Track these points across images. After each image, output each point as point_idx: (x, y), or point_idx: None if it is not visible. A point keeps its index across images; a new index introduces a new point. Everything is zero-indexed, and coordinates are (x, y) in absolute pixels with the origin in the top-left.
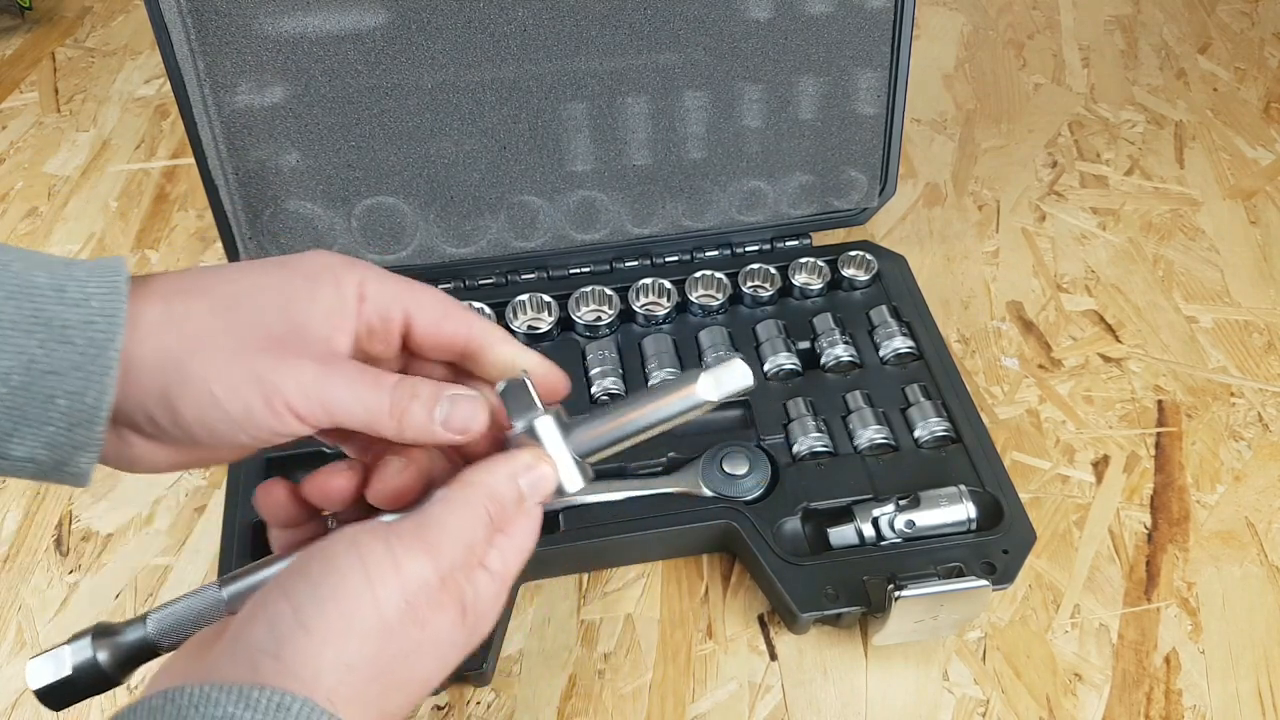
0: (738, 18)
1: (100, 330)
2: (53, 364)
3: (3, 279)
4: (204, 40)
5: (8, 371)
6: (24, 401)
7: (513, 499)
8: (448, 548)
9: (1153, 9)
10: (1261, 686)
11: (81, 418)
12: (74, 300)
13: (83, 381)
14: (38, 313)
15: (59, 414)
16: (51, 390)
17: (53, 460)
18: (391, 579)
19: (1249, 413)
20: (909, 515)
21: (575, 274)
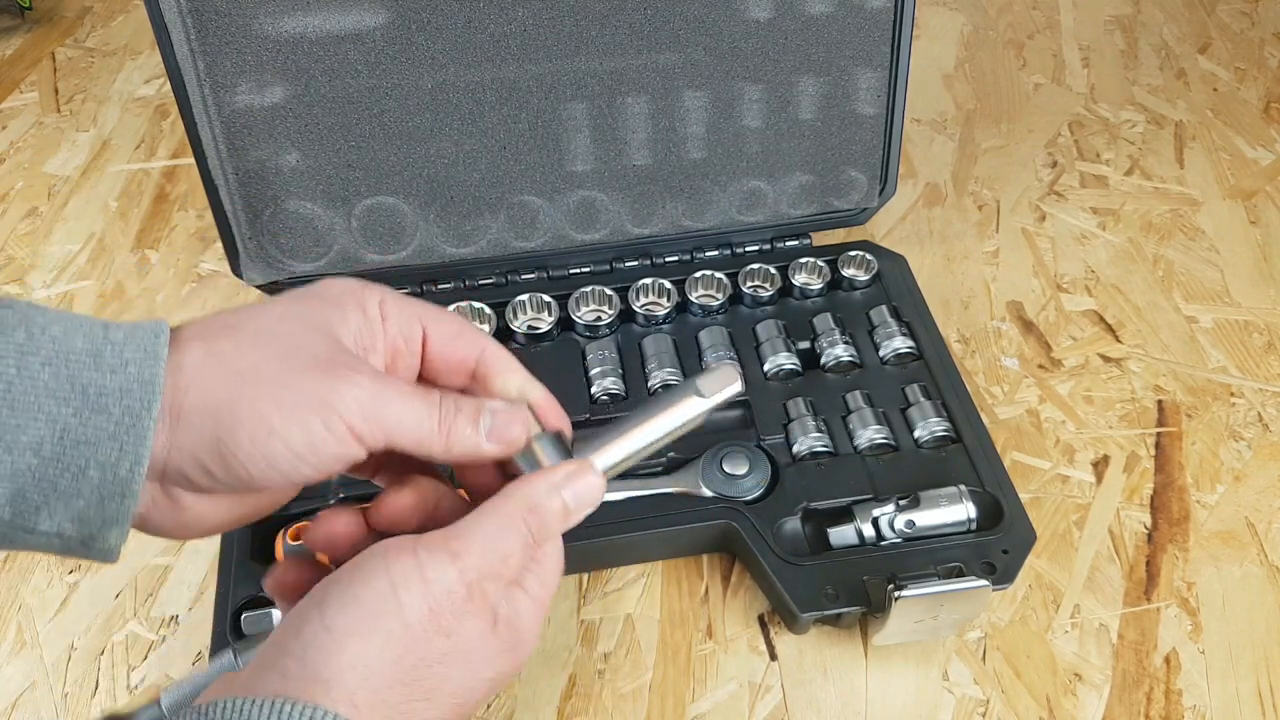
0: (738, 18)
1: (136, 398)
2: (87, 434)
3: (40, 344)
4: (204, 40)
5: (40, 441)
6: (55, 473)
7: (556, 511)
8: (475, 556)
9: (1153, 9)
10: (1261, 686)
11: (114, 490)
12: (110, 366)
13: (117, 452)
14: (73, 380)
15: (90, 487)
16: (84, 461)
17: (80, 536)
18: (416, 584)
19: (1249, 413)
20: (909, 515)
21: (575, 274)
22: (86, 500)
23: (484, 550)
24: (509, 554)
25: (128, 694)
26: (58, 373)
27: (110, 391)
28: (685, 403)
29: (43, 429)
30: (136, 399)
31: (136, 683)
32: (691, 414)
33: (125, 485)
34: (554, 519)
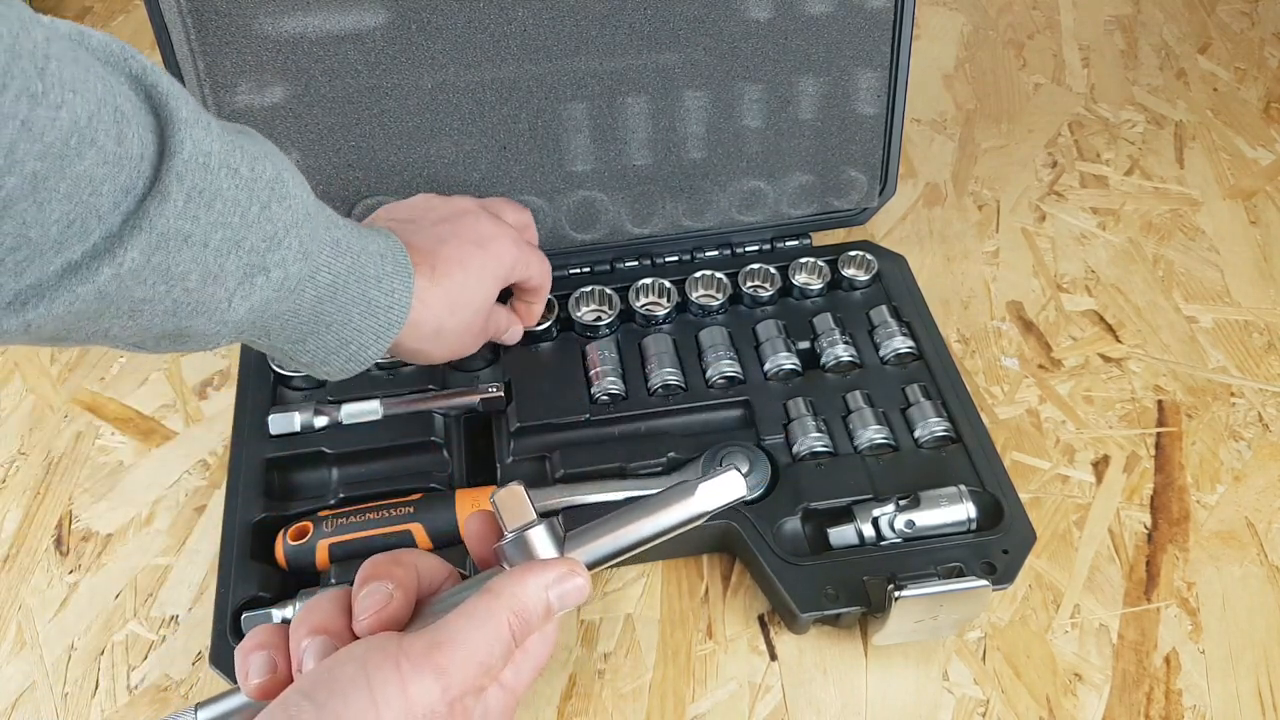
0: (738, 17)
1: (396, 315)
2: (360, 330)
3: (362, 264)
4: (204, 40)
5: (333, 321)
6: (330, 337)
7: (539, 612)
8: (459, 670)
9: (1153, 9)
10: (1261, 686)
11: (358, 360)
12: (386, 291)
13: (374, 340)
14: (364, 295)
15: (341, 355)
16: (347, 340)
17: (327, 362)
18: (397, 702)
19: (1249, 413)
20: (909, 515)
21: (575, 274)
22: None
23: (467, 662)
24: (492, 665)
25: (128, 694)
26: (366, 291)
27: (381, 308)
28: (683, 507)
29: (341, 314)
30: (396, 315)
31: (136, 683)
32: (688, 517)
33: (361, 363)
34: (537, 620)
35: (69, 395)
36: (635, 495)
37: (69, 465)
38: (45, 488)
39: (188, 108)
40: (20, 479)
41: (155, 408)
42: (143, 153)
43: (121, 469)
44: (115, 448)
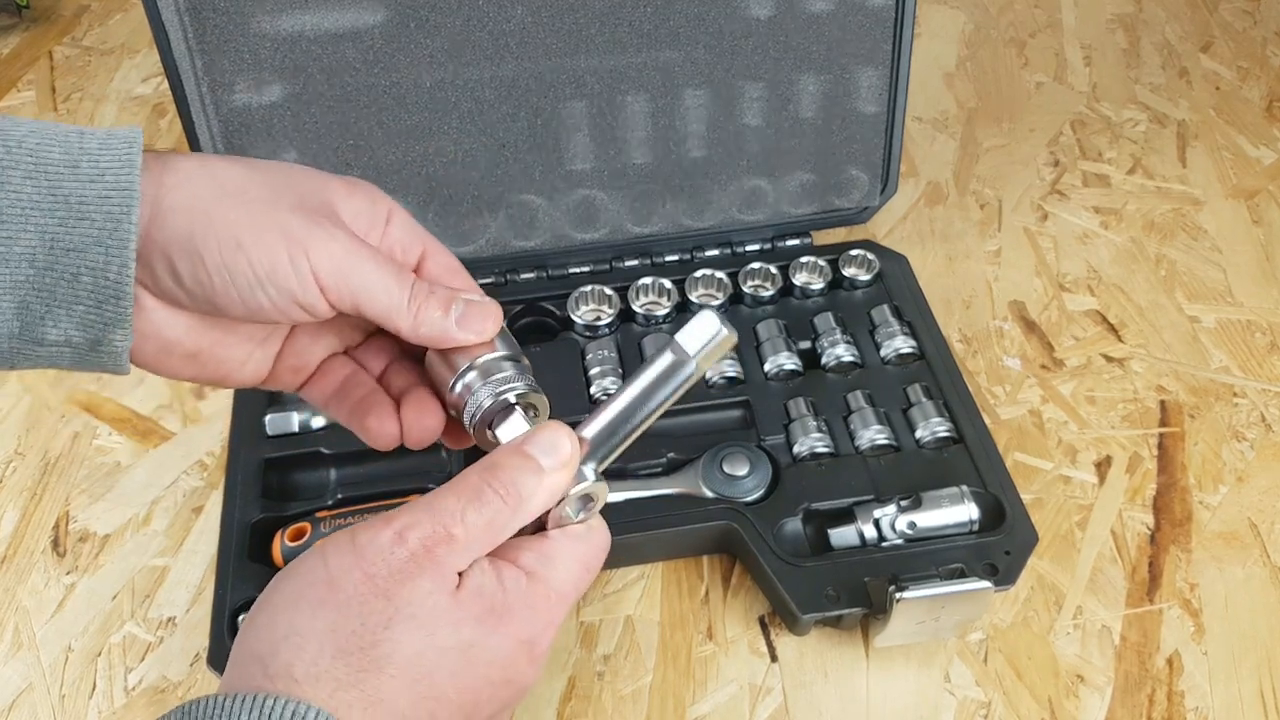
0: (738, 16)
1: (116, 205)
2: (73, 241)
3: (18, 158)
4: (202, 39)
5: (33, 251)
6: (51, 281)
7: (520, 466)
8: (414, 515)
9: (1155, 8)
10: (1264, 688)
11: (108, 293)
12: (88, 176)
13: (104, 256)
14: (54, 190)
15: (85, 291)
16: (75, 267)
17: (88, 341)
18: (346, 550)
19: (1251, 413)
20: (910, 516)
21: (575, 273)
22: (85, 305)
23: (426, 509)
24: (457, 512)
25: (125, 695)
26: (39, 185)
27: (90, 200)
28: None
29: (33, 239)
30: (116, 205)
31: (134, 684)
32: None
33: (117, 288)
34: (520, 472)
35: (66, 395)
36: (635, 496)
37: (66, 466)
38: (42, 488)
39: None
40: (17, 479)
41: (153, 408)
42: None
43: (119, 469)
44: (113, 448)
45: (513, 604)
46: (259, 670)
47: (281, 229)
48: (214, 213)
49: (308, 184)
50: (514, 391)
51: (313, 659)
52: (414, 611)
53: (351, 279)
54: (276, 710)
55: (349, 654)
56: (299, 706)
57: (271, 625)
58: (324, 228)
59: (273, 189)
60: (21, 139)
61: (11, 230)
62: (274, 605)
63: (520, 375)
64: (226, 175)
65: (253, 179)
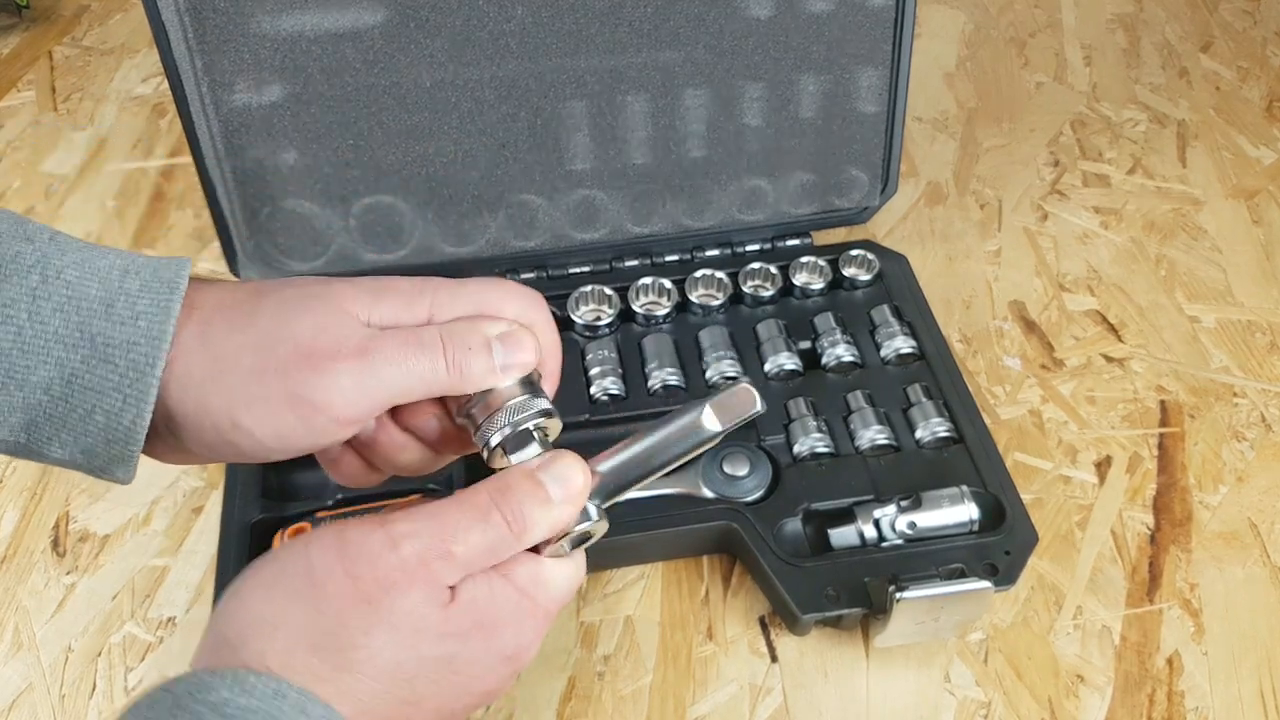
0: (738, 16)
1: (142, 353)
2: (93, 381)
3: (54, 289)
4: (202, 39)
5: (49, 382)
6: (64, 411)
7: (530, 492)
8: (412, 524)
9: (1155, 7)
10: (1264, 688)
11: (118, 435)
12: (121, 318)
13: (120, 402)
14: (83, 328)
15: (96, 428)
16: (90, 406)
17: (90, 466)
18: (331, 545)
19: (1251, 413)
20: (910, 516)
21: (575, 273)
22: (93, 439)
23: (429, 519)
24: (460, 528)
25: (125, 696)
26: (68, 320)
27: (118, 344)
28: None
29: (52, 372)
30: (142, 354)
31: (134, 685)
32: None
33: (129, 434)
34: (529, 500)
35: None
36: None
37: None
38: (42, 488)
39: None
40: (17, 479)
41: None
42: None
43: None
44: None
45: (502, 620)
46: (230, 654)
47: (283, 394)
48: (208, 394)
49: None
50: (532, 421)
51: (286, 649)
52: (397, 622)
53: (377, 396)
54: (259, 686)
55: (324, 651)
56: (280, 685)
57: (243, 610)
58: (324, 369)
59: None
60: (61, 270)
61: (32, 360)
62: (248, 591)
63: (536, 397)
64: (221, 341)
65: (245, 337)
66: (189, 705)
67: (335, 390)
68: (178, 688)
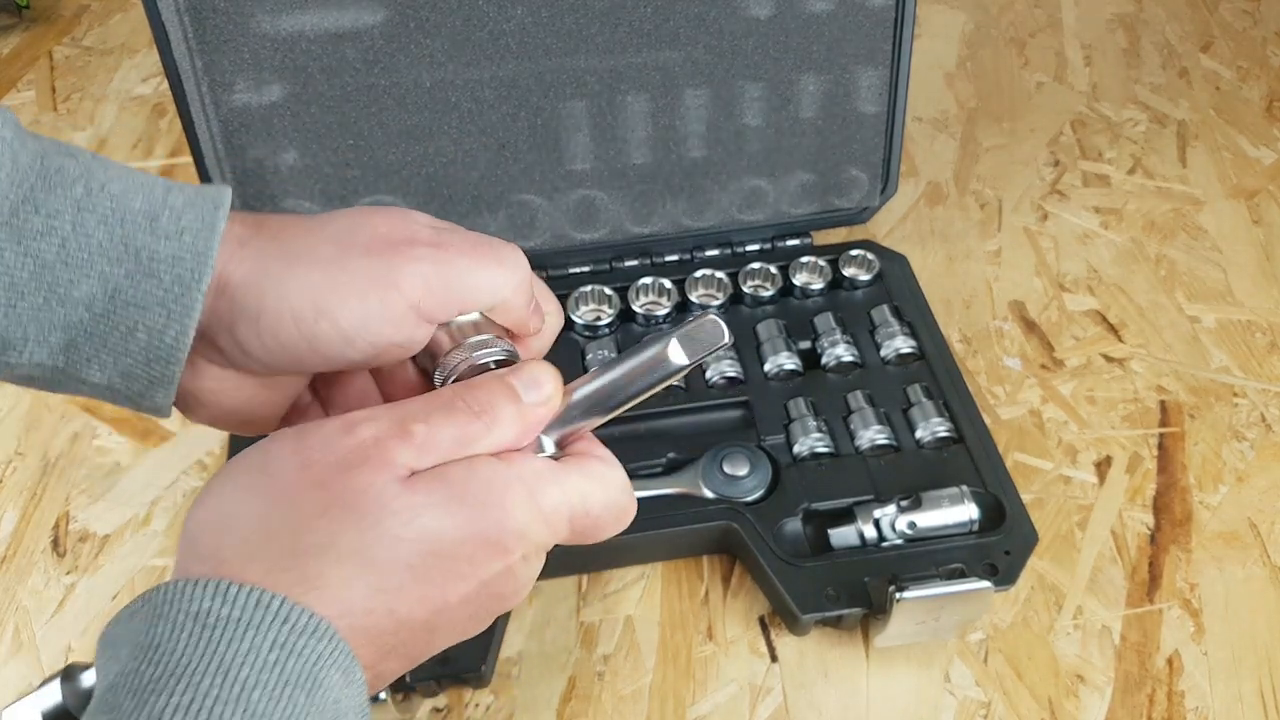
0: (738, 15)
1: (188, 268)
2: (137, 296)
3: (98, 201)
4: (202, 39)
5: (91, 298)
6: (105, 329)
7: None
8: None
9: (1155, 7)
10: (1264, 688)
11: (159, 354)
12: (165, 232)
13: (164, 318)
14: (127, 241)
15: (138, 347)
16: (133, 322)
17: (129, 391)
18: (288, 437)
19: (1252, 413)
20: (910, 516)
21: (575, 273)
22: (134, 359)
23: (387, 408)
24: (421, 412)
25: None
26: (112, 233)
27: (162, 258)
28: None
29: (95, 286)
30: (187, 269)
31: None
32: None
33: (170, 352)
34: (498, 394)
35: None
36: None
37: (66, 466)
38: (42, 488)
39: None
40: (17, 480)
41: None
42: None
43: (119, 469)
44: (112, 448)
45: (484, 496)
46: (192, 558)
47: (365, 276)
48: (286, 283)
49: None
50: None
51: (241, 540)
52: (352, 501)
53: (451, 287)
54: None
55: (279, 538)
56: (263, 594)
57: (202, 511)
58: (404, 253)
59: (340, 238)
60: (106, 183)
61: (75, 274)
62: (208, 493)
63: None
64: (293, 239)
65: (321, 235)
66: (169, 615)
67: (417, 275)
68: (156, 597)
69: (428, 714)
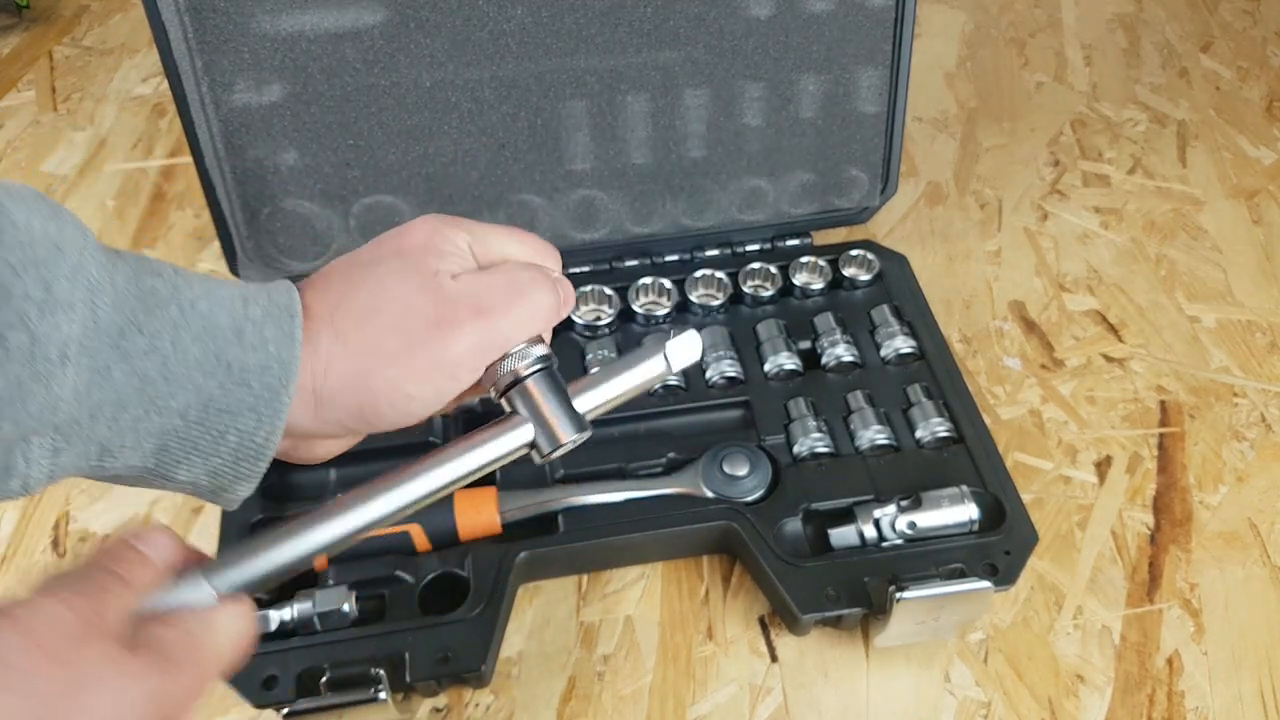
0: (738, 15)
1: (275, 376)
2: (229, 404)
3: (191, 319)
4: (202, 39)
5: (186, 407)
6: (197, 434)
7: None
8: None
9: (1155, 7)
10: (1264, 687)
11: (248, 453)
12: (251, 344)
13: (255, 422)
14: (219, 355)
15: (228, 449)
16: (224, 427)
17: (212, 486)
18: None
19: (1251, 413)
20: (910, 516)
21: (575, 273)
22: (223, 459)
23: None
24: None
25: None
26: (205, 349)
27: (251, 368)
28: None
29: (190, 397)
30: (275, 376)
31: None
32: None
33: (260, 451)
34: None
35: None
36: (636, 496)
37: None
38: None
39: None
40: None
41: None
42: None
43: None
44: None
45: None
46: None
47: (428, 364)
48: (372, 384)
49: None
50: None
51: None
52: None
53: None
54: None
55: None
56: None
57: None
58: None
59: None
60: (195, 301)
61: (174, 388)
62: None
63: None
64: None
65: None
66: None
67: (467, 350)
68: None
69: (428, 714)
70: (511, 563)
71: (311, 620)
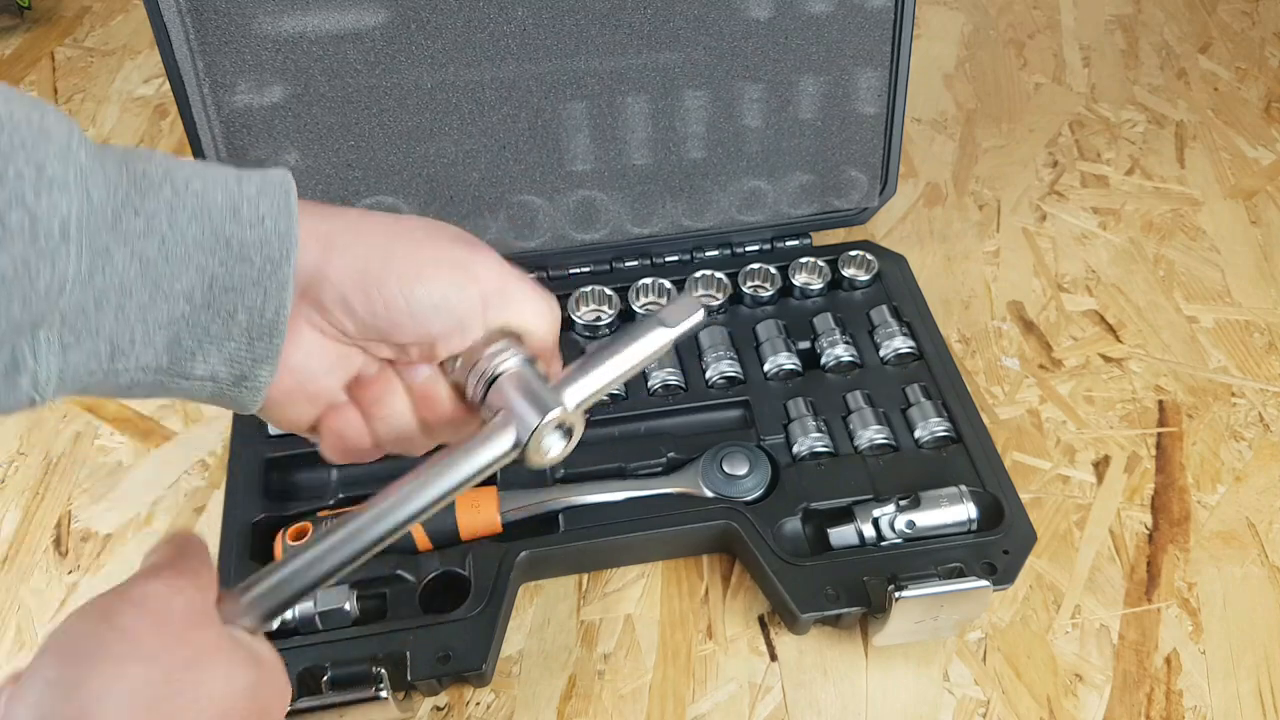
0: (738, 17)
1: (276, 250)
2: (233, 281)
3: (185, 199)
4: (203, 40)
5: (191, 289)
6: (207, 319)
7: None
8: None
9: (1153, 8)
10: (1262, 687)
11: (261, 331)
12: (249, 221)
13: (261, 297)
14: (217, 233)
15: (239, 329)
16: (233, 306)
17: (232, 376)
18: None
19: (1250, 413)
20: (909, 516)
21: (575, 274)
22: (237, 342)
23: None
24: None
25: None
26: (203, 226)
27: (251, 243)
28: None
29: (193, 278)
30: (275, 249)
31: None
32: (657, 346)
33: (272, 326)
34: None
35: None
36: (636, 495)
37: (68, 465)
38: (44, 488)
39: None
40: (19, 479)
41: (154, 408)
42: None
43: (120, 469)
44: (114, 448)
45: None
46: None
47: (450, 260)
48: (392, 250)
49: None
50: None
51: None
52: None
53: (510, 302)
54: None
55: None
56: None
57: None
58: (483, 252)
59: (429, 229)
60: (188, 180)
61: (175, 268)
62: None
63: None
64: (389, 221)
65: (411, 224)
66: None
67: (490, 270)
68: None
69: (429, 712)
70: (512, 562)
71: (313, 619)
